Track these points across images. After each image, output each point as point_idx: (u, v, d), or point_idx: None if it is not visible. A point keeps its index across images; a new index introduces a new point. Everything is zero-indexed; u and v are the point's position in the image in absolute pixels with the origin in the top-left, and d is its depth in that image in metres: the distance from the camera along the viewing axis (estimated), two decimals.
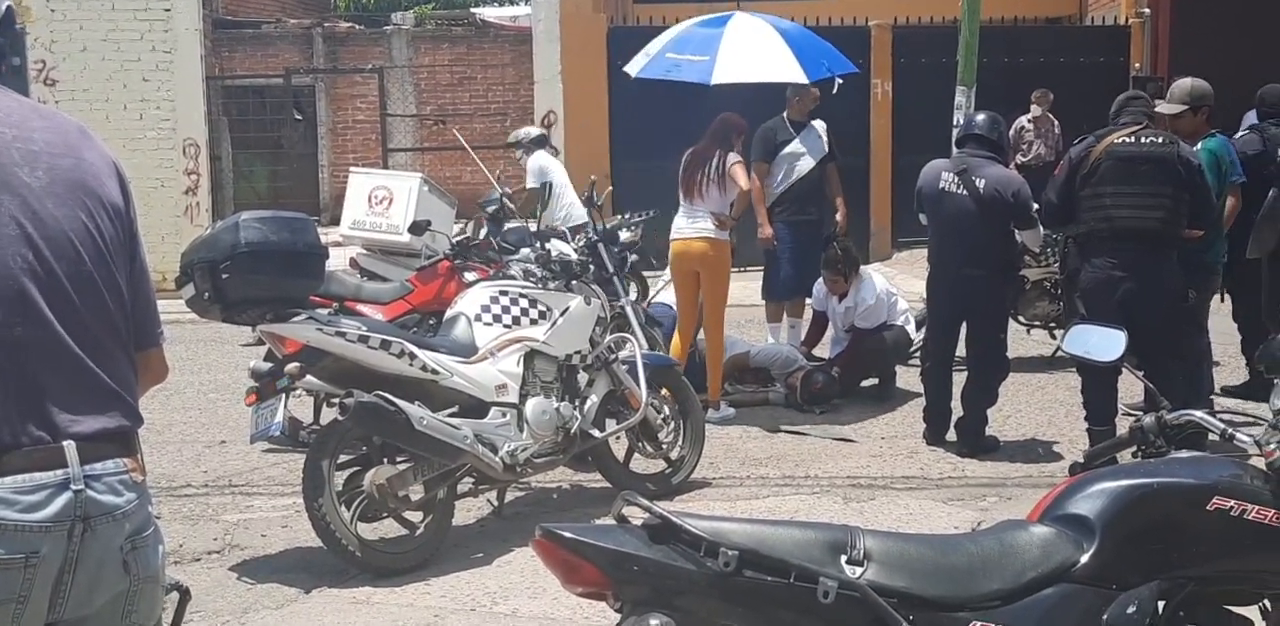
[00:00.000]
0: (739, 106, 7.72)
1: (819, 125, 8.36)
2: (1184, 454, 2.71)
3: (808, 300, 8.46)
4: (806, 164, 8.22)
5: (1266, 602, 2.71)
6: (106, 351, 2.11)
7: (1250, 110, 10.70)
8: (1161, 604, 2.51)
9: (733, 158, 7.26)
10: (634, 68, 8.17)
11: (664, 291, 8.38)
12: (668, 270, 7.69)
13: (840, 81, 8.44)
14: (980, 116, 6.89)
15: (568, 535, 2.28)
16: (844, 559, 2.31)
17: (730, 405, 7.53)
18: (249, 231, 4.67)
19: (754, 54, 7.72)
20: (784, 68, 7.67)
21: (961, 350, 6.83)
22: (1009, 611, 2.36)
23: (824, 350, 8.31)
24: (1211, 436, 2.84)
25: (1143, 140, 5.96)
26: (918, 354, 7.75)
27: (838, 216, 8.53)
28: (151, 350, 2.27)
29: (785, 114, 8.40)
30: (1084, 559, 2.44)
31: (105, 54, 12.53)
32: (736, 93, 7.85)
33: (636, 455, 6.04)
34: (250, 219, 4.76)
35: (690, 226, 7.31)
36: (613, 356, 5.81)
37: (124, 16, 12.64)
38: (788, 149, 8.24)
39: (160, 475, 6.40)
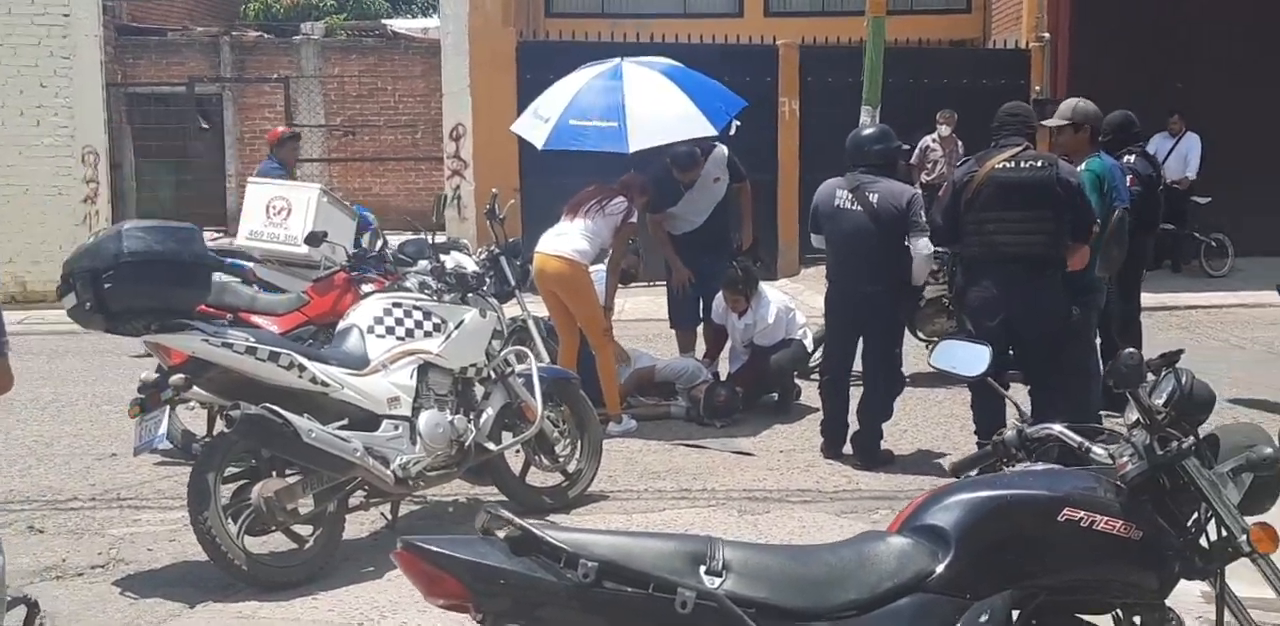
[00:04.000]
0: None
1: (710, 170, 8.07)
2: (1040, 466, 2.79)
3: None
4: (702, 217, 8.12)
5: (1119, 611, 2.78)
6: None
7: (1158, 133, 10.89)
8: (1015, 613, 2.57)
9: (621, 213, 7.34)
10: (536, 136, 7.85)
11: None
12: None
13: (738, 123, 8.43)
14: (868, 131, 7.02)
15: (428, 547, 2.28)
16: (703, 569, 2.34)
17: (632, 418, 7.56)
18: (132, 241, 4.60)
19: (661, 114, 7.61)
20: (692, 124, 7.61)
21: (859, 365, 6.93)
22: (865, 621, 2.40)
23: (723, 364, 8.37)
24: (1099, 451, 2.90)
25: (1022, 165, 6.10)
26: (818, 368, 7.84)
27: (743, 234, 8.50)
28: None
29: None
30: (939, 569, 2.49)
31: (1, 59, 12.27)
32: None
33: (533, 468, 6.04)
34: (133, 228, 4.69)
35: (552, 244, 7.33)
36: (509, 369, 5.81)
37: (20, 21, 12.40)
38: (676, 208, 8.11)
39: (46, 488, 6.29)
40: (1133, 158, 7.76)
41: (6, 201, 12.36)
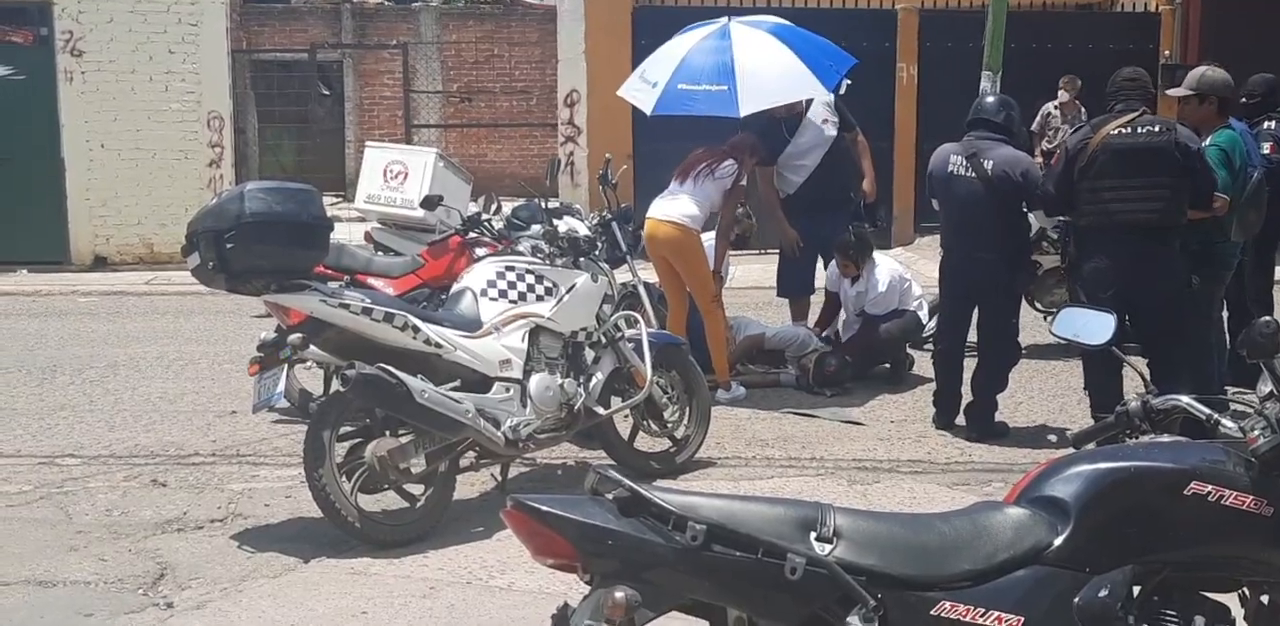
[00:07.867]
0: None
1: (818, 110, 8.00)
2: (1165, 438, 2.69)
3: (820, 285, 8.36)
4: (813, 160, 7.98)
5: (1245, 589, 2.68)
6: None
7: None
8: (1136, 588, 2.50)
9: (732, 177, 7.25)
10: (644, 101, 7.72)
11: None
12: None
13: (848, 81, 8.25)
14: (989, 99, 6.89)
15: (537, 506, 2.28)
16: (813, 535, 2.31)
17: (741, 385, 7.52)
18: (254, 202, 4.68)
19: (771, 75, 7.48)
20: (804, 85, 7.50)
21: (974, 335, 6.80)
22: (980, 592, 2.35)
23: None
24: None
25: (1139, 130, 5.92)
26: (932, 338, 7.72)
27: (864, 184, 8.30)
28: None
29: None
30: (1058, 541, 2.43)
31: (131, 25, 12.54)
32: None
33: (641, 434, 6.05)
34: (255, 189, 4.78)
35: (662, 209, 7.29)
36: (619, 334, 5.81)
37: None
38: (787, 152, 7.97)
39: (169, 443, 6.47)
40: (1274, 124, 7.44)
41: (135, 165, 12.68)
